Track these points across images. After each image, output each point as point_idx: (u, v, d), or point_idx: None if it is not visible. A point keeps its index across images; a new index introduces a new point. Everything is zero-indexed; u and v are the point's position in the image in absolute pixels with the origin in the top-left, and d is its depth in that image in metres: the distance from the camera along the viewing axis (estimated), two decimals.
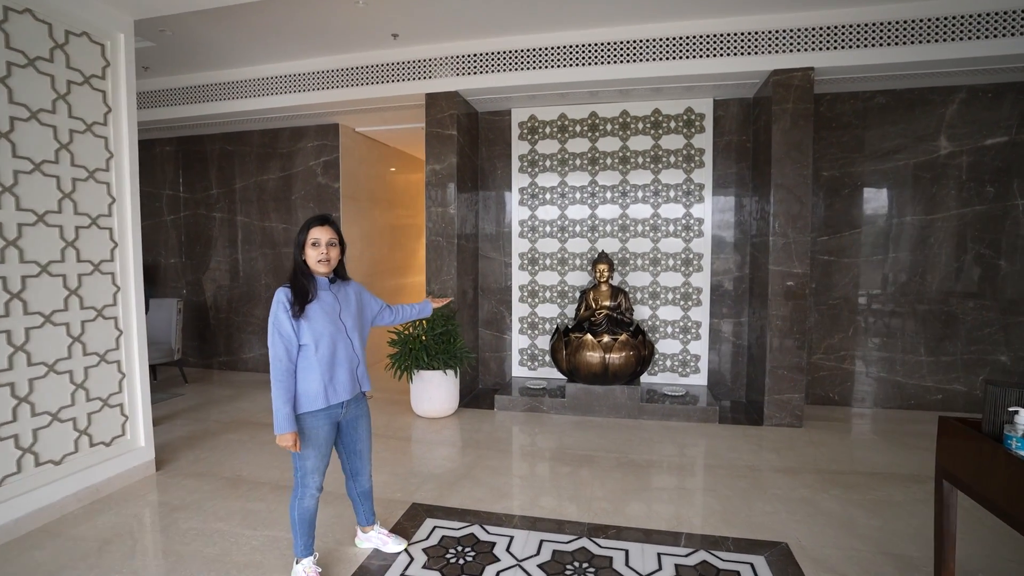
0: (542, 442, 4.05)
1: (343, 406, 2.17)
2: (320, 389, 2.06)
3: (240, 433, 4.22)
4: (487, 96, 4.91)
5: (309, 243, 2.09)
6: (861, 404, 4.86)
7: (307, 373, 2.05)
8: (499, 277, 5.48)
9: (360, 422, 2.29)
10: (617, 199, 5.17)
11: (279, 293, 2.03)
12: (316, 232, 2.09)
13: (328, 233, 2.11)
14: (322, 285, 2.14)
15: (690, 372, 5.14)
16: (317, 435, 2.12)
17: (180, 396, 5.33)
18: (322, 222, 2.12)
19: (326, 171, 6.01)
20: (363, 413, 2.31)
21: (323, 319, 2.08)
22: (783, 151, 4.22)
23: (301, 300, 2.03)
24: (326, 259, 2.09)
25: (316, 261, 2.09)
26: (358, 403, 2.27)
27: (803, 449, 3.85)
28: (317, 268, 2.10)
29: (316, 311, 2.07)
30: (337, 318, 2.13)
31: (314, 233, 2.09)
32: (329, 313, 2.10)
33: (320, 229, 2.10)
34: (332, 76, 5.00)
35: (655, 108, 5.04)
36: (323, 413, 2.11)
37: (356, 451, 2.32)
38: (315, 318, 2.06)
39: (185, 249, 6.57)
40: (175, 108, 5.50)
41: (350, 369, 2.16)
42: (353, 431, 2.28)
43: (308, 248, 2.10)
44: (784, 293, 4.28)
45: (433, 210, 4.86)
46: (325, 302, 2.12)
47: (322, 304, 2.10)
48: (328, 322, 2.09)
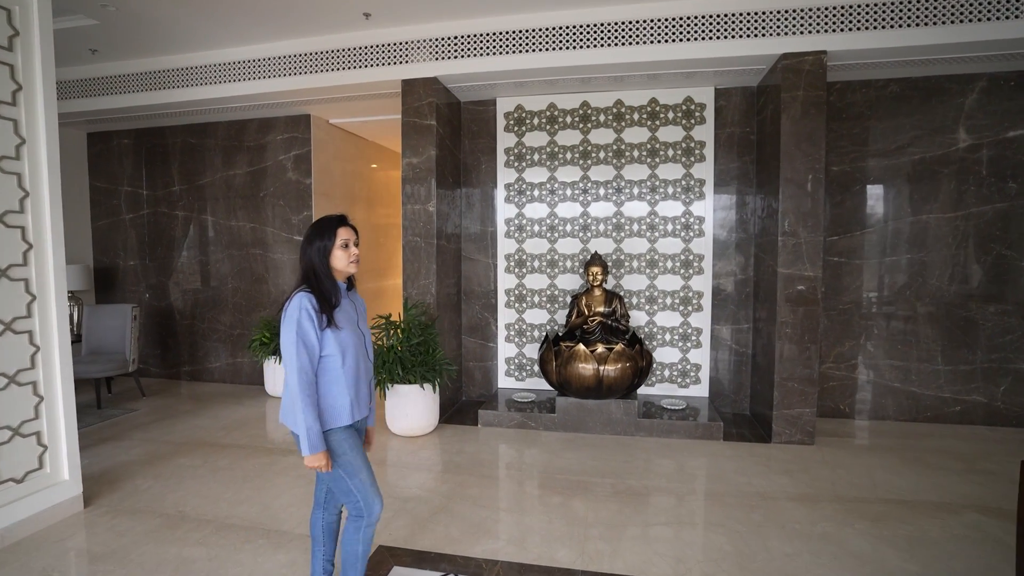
0: (530, 464, 3.64)
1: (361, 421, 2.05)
2: (347, 404, 1.90)
3: (193, 456, 3.78)
4: (470, 83, 4.49)
5: (339, 245, 1.92)
6: (873, 417, 4.51)
7: (332, 387, 1.88)
8: (484, 280, 5.07)
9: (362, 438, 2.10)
10: (611, 196, 4.78)
11: (302, 299, 1.82)
12: (345, 232, 1.93)
13: (354, 234, 1.97)
14: (342, 291, 1.97)
15: (690, 382, 4.77)
16: (354, 444, 1.94)
17: (134, 412, 4.86)
18: (345, 222, 1.97)
19: (297, 166, 5.56)
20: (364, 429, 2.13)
21: (348, 328, 1.92)
22: (793, 143, 3.86)
23: (327, 307, 1.86)
24: (357, 259, 1.96)
25: (349, 263, 1.94)
26: (364, 420, 2.11)
27: (817, 471, 3.49)
28: (349, 270, 1.96)
29: (341, 320, 1.90)
30: (356, 327, 1.98)
31: (343, 233, 1.93)
32: (351, 322, 1.95)
33: (347, 229, 1.95)
34: (300, 61, 4.57)
35: (652, 97, 4.66)
36: (351, 427, 1.96)
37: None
38: (342, 327, 1.89)
39: (146, 251, 6.08)
40: (129, 96, 5.02)
41: (368, 383, 2.04)
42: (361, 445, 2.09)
43: (338, 250, 1.92)
44: (794, 298, 3.92)
45: (410, 208, 4.44)
46: (346, 310, 1.95)
47: (344, 312, 1.94)
48: (351, 332, 1.93)
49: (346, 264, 1.94)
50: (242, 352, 5.77)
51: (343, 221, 1.97)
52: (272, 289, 5.70)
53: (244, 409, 4.94)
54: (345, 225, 1.96)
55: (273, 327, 5.30)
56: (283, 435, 4.25)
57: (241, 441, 4.10)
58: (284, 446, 4.00)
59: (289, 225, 5.60)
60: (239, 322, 5.83)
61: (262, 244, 5.70)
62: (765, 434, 4.13)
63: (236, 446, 3.99)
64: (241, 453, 3.84)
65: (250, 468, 3.57)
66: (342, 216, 1.99)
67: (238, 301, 5.82)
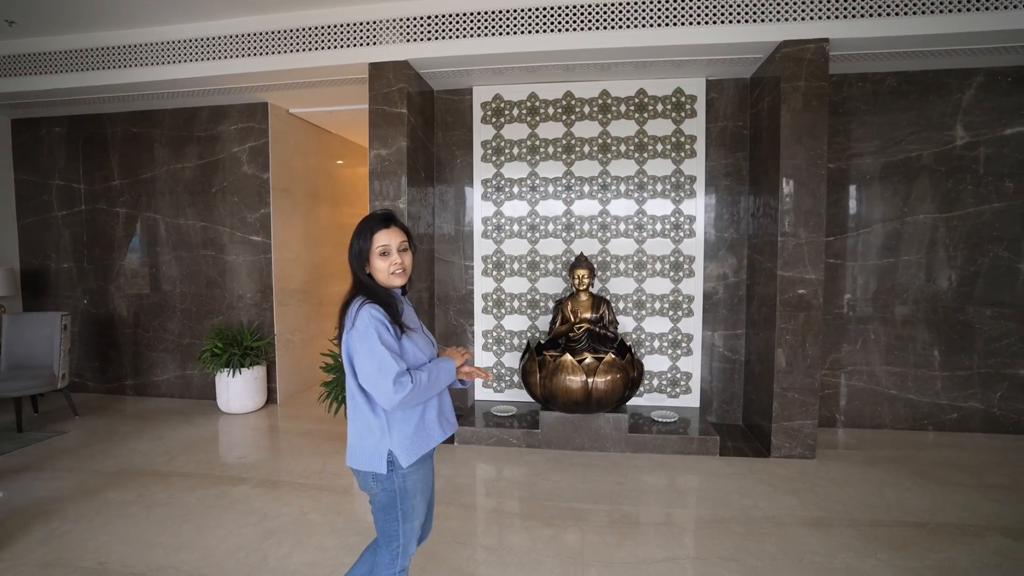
0: (514, 489, 3.28)
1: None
2: (435, 418, 1.66)
3: (125, 489, 3.28)
4: (443, 68, 4.11)
5: (376, 253, 1.62)
6: (870, 425, 4.31)
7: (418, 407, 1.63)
8: (459, 284, 4.69)
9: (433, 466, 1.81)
10: (596, 193, 4.46)
11: (372, 311, 1.55)
12: (383, 236, 1.62)
13: (398, 236, 1.64)
14: (397, 298, 1.71)
15: (680, 392, 4.49)
16: (427, 484, 1.69)
17: (62, 435, 4.30)
18: (387, 223, 1.64)
19: (253, 159, 5.06)
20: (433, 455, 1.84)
21: (419, 332, 1.70)
22: (794, 137, 3.61)
23: (395, 315, 1.61)
24: (401, 269, 1.65)
25: (390, 274, 1.63)
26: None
27: (825, 490, 3.23)
28: (392, 282, 1.65)
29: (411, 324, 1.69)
30: (423, 331, 1.75)
31: (380, 238, 1.61)
32: (418, 327, 1.74)
33: (387, 232, 1.62)
34: (255, 41, 4.10)
35: (640, 88, 4.36)
36: (429, 457, 1.70)
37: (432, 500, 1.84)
38: (414, 337, 1.65)
39: (83, 252, 5.48)
40: (58, 77, 4.46)
41: (448, 396, 1.78)
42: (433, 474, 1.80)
43: (376, 259, 1.62)
44: (794, 303, 3.67)
45: (379, 205, 4.02)
46: (409, 315, 1.72)
47: (409, 318, 1.71)
48: (422, 335, 1.71)
49: (387, 276, 1.63)
50: (192, 364, 5.24)
51: (381, 223, 1.63)
52: (226, 294, 5.18)
53: (192, 429, 4.43)
54: (386, 227, 1.63)
55: (226, 335, 4.80)
56: (235, 458, 3.78)
57: (186, 468, 3.62)
58: (235, 472, 3.53)
59: (244, 223, 5.10)
60: (189, 330, 5.29)
61: (214, 245, 5.18)
62: (763, 448, 3.87)
63: (179, 474, 3.50)
64: (184, 483, 3.36)
65: (192, 503, 3.10)
66: (385, 214, 1.65)
67: (188, 307, 5.28)
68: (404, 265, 1.66)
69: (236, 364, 4.68)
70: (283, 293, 5.22)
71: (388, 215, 1.67)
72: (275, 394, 5.16)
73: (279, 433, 4.38)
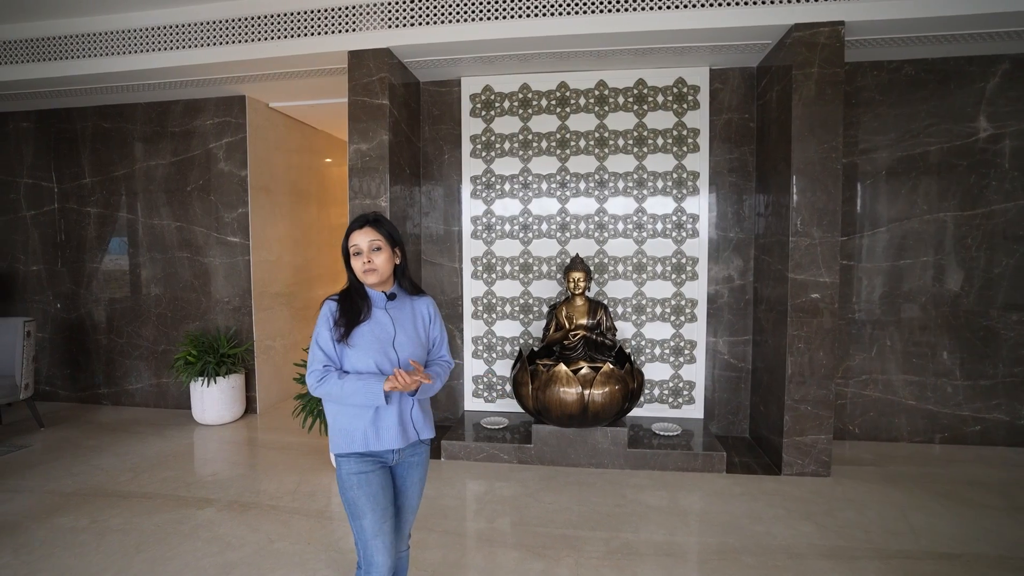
0: (505, 512, 3.00)
1: (394, 453, 1.74)
2: (359, 429, 1.67)
3: (78, 513, 3.00)
4: (429, 57, 3.83)
5: (351, 253, 1.74)
6: (886, 438, 4.04)
7: (343, 409, 1.68)
8: (447, 288, 4.41)
9: (411, 471, 1.80)
10: (593, 190, 4.18)
11: (325, 305, 1.73)
12: (355, 237, 1.73)
13: (369, 235, 1.72)
14: (377, 303, 1.76)
15: (683, 402, 4.21)
16: (367, 481, 1.67)
17: (24, 449, 4.01)
18: (361, 224, 1.74)
19: (230, 155, 4.78)
20: (419, 462, 1.82)
21: (369, 347, 1.68)
22: (806, 128, 3.33)
23: (349, 321, 1.68)
24: (372, 267, 1.71)
25: (362, 272, 1.72)
26: (413, 449, 1.80)
27: (844, 513, 2.95)
28: (366, 280, 1.73)
29: (365, 336, 1.69)
30: (389, 346, 1.70)
31: (353, 239, 1.73)
32: (380, 339, 1.70)
33: (359, 233, 1.73)
34: (228, 28, 3.83)
35: (639, 78, 4.09)
36: (370, 457, 1.70)
37: (396, 505, 1.79)
38: (360, 344, 1.67)
39: (54, 253, 5.19)
40: (19, 67, 4.18)
41: (399, 412, 1.71)
42: (400, 481, 1.79)
43: (352, 259, 1.74)
44: (807, 308, 3.39)
45: (359, 204, 3.75)
46: (377, 325, 1.72)
47: (373, 327, 1.71)
48: (376, 351, 1.68)
49: (361, 274, 1.72)
50: (168, 372, 4.96)
51: (356, 223, 1.74)
52: (203, 298, 4.90)
53: (163, 442, 4.15)
54: (360, 228, 1.73)
55: (200, 342, 4.52)
56: (204, 476, 3.50)
57: (148, 487, 3.34)
58: (202, 492, 3.25)
59: (221, 224, 4.82)
60: (164, 336, 5.01)
61: (190, 246, 4.90)
62: (773, 464, 3.60)
63: (140, 495, 3.22)
64: (143, 506, 3.08)
65: (149, 529, 2.82)
66: (361, 216, 1.77)
67: (162, 312, 5.00)
68: (375, 264, 1.70)
69: (211, 372, 4.40)
70: (263, 297, 4.94)
71: (366, 217, 1.75)
72: (254, 403, 4.88)
73: (255, 447, 4.11)
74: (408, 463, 1.78)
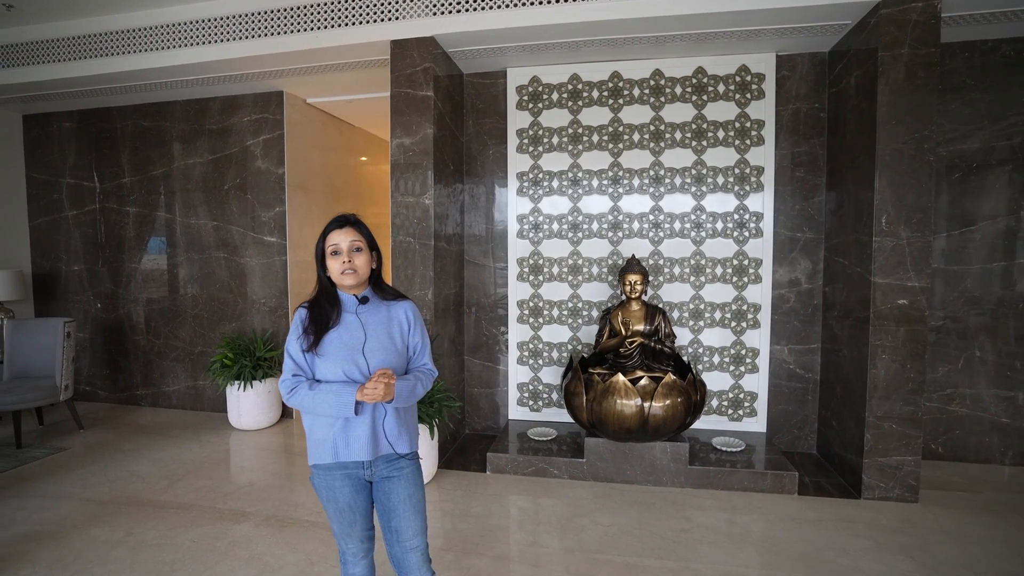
0: (558, 534, 2.76)
1: (364, 466, 1.66)
2: (329, 439, 1.63)
3: (114, 524, 2.88)
4: (474, 46, 3.62)
5: (328, 252, 1.69)
6: (976, 459, 3.66)
7: (316, 418, 1.64)
8: (491, 290, 4.20)
9: (395, 486, 1.68)
10: (647, 187, 3.91)
11: (299, 313, 1.68)
12: (334, 236, 1.68)
13: (350, 235, 1.69)
14: (348, 307, 1.70)
15: (744, 415, 3.90)
16: (334, 496, 1.67)
17: (62, 452, 3.96)
18: (341, 224, 1.71)
19: (267, 153, 4.67)
20: (401, 475, 1.69)
21: (338, 354, 1.62)
22: (893, 116, 3.00)
23: (318, 329, 1.63)
24: (351, 268, 1.66)
25: (340, 273, 1.66)
26: (390, 463, 1.69)
27: (943, 548, 2.62)
28: (343, 281, 1.67)
29: (333, 343, 1.63)
30: (359, 353, 1.63)
31: (332, 238, 1.69)
32: (349, 345, 1.63)
33: (339, 232, 1.69)
34: (267, 19, 3.70)
35: (698, 66, 3.80)
36: (338, 471, 1.65)
37: (391, 528, 1.70)
38: (328, 352, 1.62)
39: (95, 253, 5.17)
40: (60, 66, 4.13)
41: (371, 422, 1.63)
42: (385, 497, 1.69)
43: (329, 259, 1.69)
44: (893, 315, 3.06)
45: (401, 201, 3.56)
46: (347, 330, 1.66)
47: (342, 333, 1.65)
48: (344, 358, 1.62)
49: (338, 275, 1.67)
50: (204, 374, 4.88)
51: (336, 223, 1.70)
52: (239, 299, 4.80)
53: (199, 448, 4.05)
54: (339, 227, 1.68)
55: (237, 345, 4.42)
56: (241, 486, 3.36)
57: (185, 497, 3.21)
58: (239, 504, 3.11)
59: (258, 223, 4.71)
60: (200, 338, 4.93)
61: (226, 245, 4.81)
62: (850, 486, 3.27)
63: (176, 506, 3.10)
64: (179, 518, 2.95)
65: (185, 545, 2.68)
66: (340, 217, 1.72)
67: (199, 313, 4.92)
68: (354, 265, 1.66)
69: (247, 377, 4.28)
70: (300, 298, 4.80)
71: (345, 217, 1.71)
72: (290, 408, 4.76)
73: (292, 455, 3.96)
74: (387, 477, 1.68)
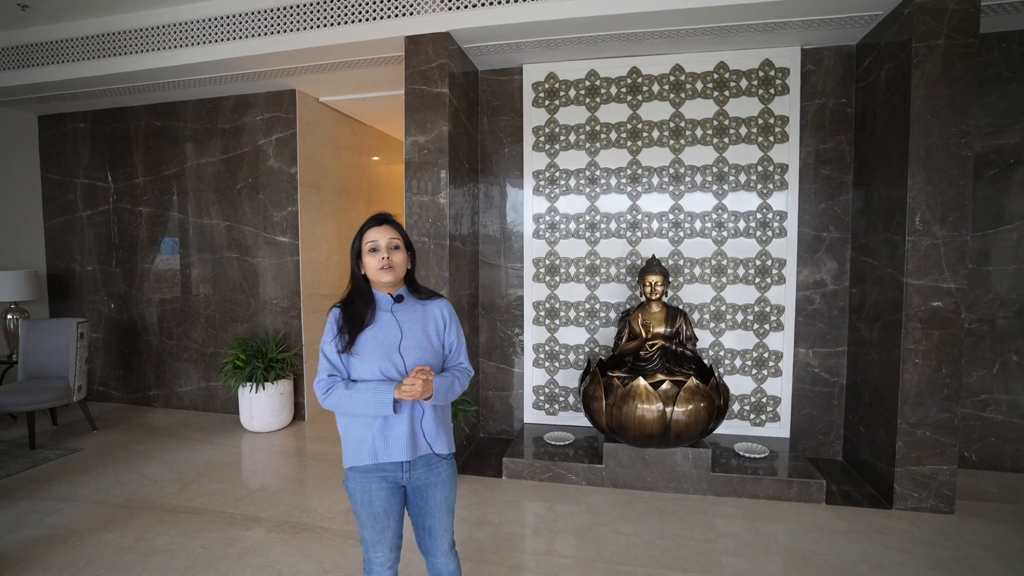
0: (575, 545, 2.67)
1: (403, 468, 1.64)
2: (367, 440, 1.60)
3: (125, 529, 2.83)
4: (490, 42, 3.55)
5: (366, 249, 1.67)
6: (1012, 468, 3.51)
7: (353, 420, 1.62)
8: (506, 291, 4.12)
9: (432, 491, 1.68)
10: (667, 186, 3.81)
11: (331, 313, 1.66)
12: (373, 234, 1.67)
13: (388, 233, 1.67)
14: (383, 305, 1.68)
15: (766, 420, 3.79)
16: (369, 499, 1.63)
17: (76, 453, 3.93)
18: (379, 222, 1.69)
19: (279, 152, 4.62)
20: (438, 481, 1.69)
21: (374, 352, 1.60)
22: (928, 110, 2.88)
23: (353, 328, 1.61)
24: (389, 265, 1.64)
25: (378, 269, 1.64)
26: (429, 466, 1.68)
27: (985, 564, 2.49)
28: (380, 278, 1.65)
29: (369, 342, 1.61)
30: (395, 351, 1.62)
31: (370, 235, 1.67)
32: (384, 344, 1.62)
33: (378, 230, 1.67)
34: (278, 16, 3.64)
35: (720, 61, 3.69)
36: (375, 473, 1.62)
37: (424, 527, 1.72)
38: (363, 351, 1.60)
39: (108, 254, 5.16)
40: (74, 66, 4.11)
41: (410, 422, 1.62)
42: (421, 501, 1.69)
43: (366, 256, 1.67)
44: (928, 318, 2.93)
45: (416, 200, 3.49)
46: (382, 329, 1.64)
47: (377, 332, 1.63)
48: (380, 356, 1.60)
49: (375, 272, 1.65)
50: (216, 375, 4.84)
51: (373, 221, 1.69)
52: (251, 300, 4.76)
53: (211, 450, 4.00)
54: (377, 225, 1.68)
55: (249, 346, 4.37)
56: (253, 490, 3.31)
57: (196, 501, 3.16)
58: (251, 509, 3.05)
59: (270, 223, 4.67)
60: (212, 339, 4.90)
61: (239, 246, 4.77)
62: (880, 496, 3.15)
63: (187, 510, 3.04)
64: (191, 523, 2.90)
65: (196, 551, 2.63)
66: (378, 214, 1.72)
67: (211, 314, 4.89)
68: (392, 262, 1.65)
69: (259, 378, 4.24)
70: (312, 299, 4.76)
71: (382, 216, 1.71)
72: (303, 410, 4.71)
73: (304, 458, 3.91)
74: (425, 482, 1.67)
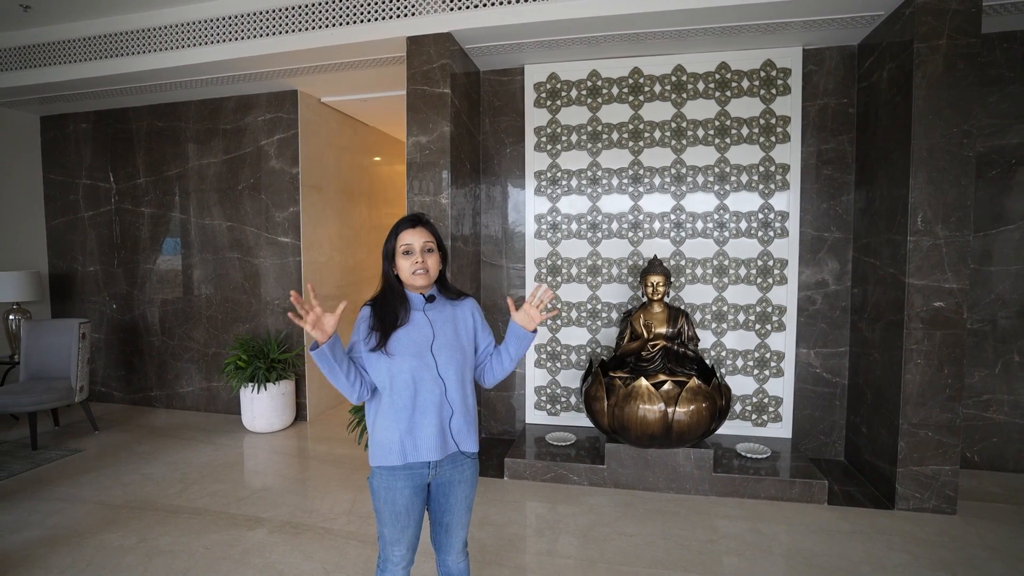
0: (577, 546, 2.67)
1: (431, 466, 1.63)
2: (396, 440, 1.59)
3: (127, 530, 2.83)
4: (491, 42, 3.55)
5: (400, 251, 1.66)
6: (1015, 468, 3.51)
7: (380, 419, 1.62)
8: (508, 291, 4.12)
9: (455, 489, 1.69)
10: (669, 186, 3.81)
11: (361, 312, 1.66)
12: (407, 236, 1.66)
13: (422, 236, 1.67)
14: (415, 305, 1.68)
15: (768, 420, 3.78)
16: (393, 498, 1.62)
17: (77, 454, 3.94)
18: (413, 223, 1.68)
19: (281, 152, 4.63)
20: (462, 479, 1.69)
21: (407, 351, 1.60)
22: (930, 110, 2.88)
23: (385, 327, 1.60)
24: (423, 268, 1.65)
25: (412, 272, 1.64)
26: (454, 464, 1.68)
27: (988, 566, 2.49)
28: (413, 281, 1.66)
29: (402, 341, 1.61)
30: (427, 350, 1.62)
31: (405, 237, 1.66)
32: (417, 343, 1.62)
33: (412, 232, 1.66)
34: (280, 17, 3.65)
35: (721, 62, 3.69)
36: (402, 472, 1.61)
37: (443, 523, 1.72)
38: (398, 351, 1.59)
39: (110, 254, 5.17)
40: (76, 66, 4.12)
41: (439, 421, 1.62)
42: (443, 497, 1.69)
43: (400, 258, 1.67)
44: (930, 319, 2.93)
45: (417, 200, 3.49)
46: (416, 328, 1.64)
47: (410, 331, 1.63)
48: (412, 355, 1.60)
49: (409, 275, 1.65)
50: (218, 376, 4.85)
51: (408, 223, 1.68)
52: (253, 300, 4.77)
53: (213, 451, 4.00)
54: (411, 227, 1.67)
55: (250, 346, 4.37)
56: (255, 491, 3.31)
57: (199, 502, 3.16)
58: (253, 510, 3.05)
59: (272, 223, 4.67)
60: (214, 339, 4.90)
61: (240, 246, 4.77)
62: (883, 496, 3.14)
63: (189, 511, 3.05)
64: (192, 524, 2.90)
65: (198, 552, 2.63)
66: (412, 216, 1.70)
67: (213, 314, 4.90)
68: (426, 265, 1.65)
69: (261, 379, 4.24)
70: None
71: (416, 217, 1.70)
72: (304, 410, 4.71)
73: (306, 459, 3.91)
74: (449, 481, 1.67)
